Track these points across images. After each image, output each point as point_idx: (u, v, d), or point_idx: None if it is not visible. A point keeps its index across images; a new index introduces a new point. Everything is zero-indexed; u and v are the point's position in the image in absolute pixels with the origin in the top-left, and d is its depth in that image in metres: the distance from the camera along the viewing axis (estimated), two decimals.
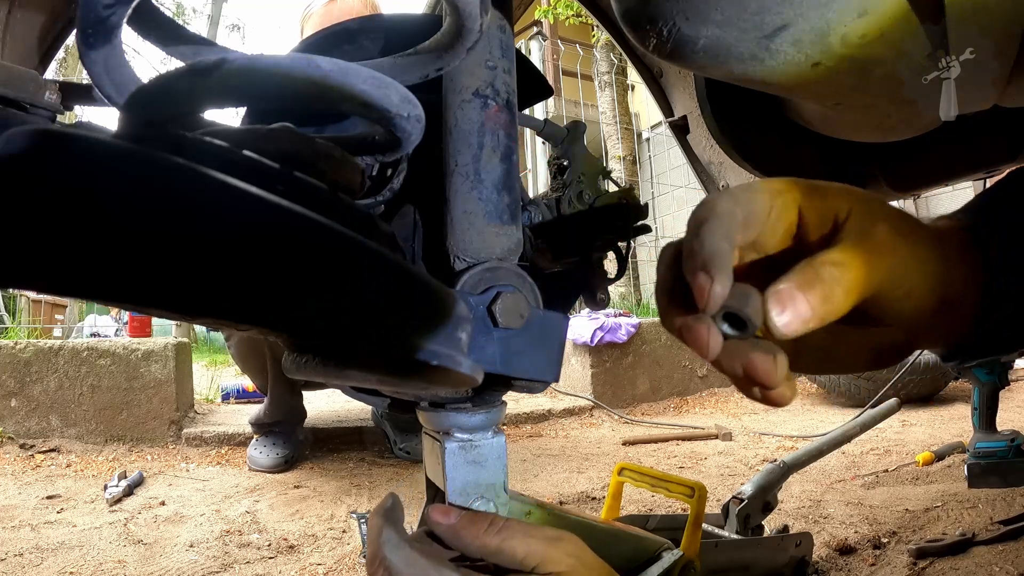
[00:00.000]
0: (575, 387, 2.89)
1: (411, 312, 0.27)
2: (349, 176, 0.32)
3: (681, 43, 0.52)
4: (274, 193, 0.22)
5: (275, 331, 0.27)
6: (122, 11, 0.30)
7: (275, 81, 0.25)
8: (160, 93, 0.25)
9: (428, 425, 0.52)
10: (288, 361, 0.35)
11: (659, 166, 7.28)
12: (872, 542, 1.20)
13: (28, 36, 0.64)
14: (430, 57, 0.38)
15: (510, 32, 0.45)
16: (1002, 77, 0.50)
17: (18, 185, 0.20)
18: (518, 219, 0.45)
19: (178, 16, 11.40)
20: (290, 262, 0.22)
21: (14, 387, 2.17)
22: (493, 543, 0.42)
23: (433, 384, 0.33)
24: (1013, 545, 1.10)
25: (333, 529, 1.44)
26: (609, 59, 6.24)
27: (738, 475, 1.77)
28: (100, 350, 2.22)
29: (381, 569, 0.40)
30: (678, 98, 1.00)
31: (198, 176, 0.21)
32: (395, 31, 0.52)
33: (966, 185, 4.28)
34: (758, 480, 1.12)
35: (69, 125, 0.48)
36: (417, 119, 0.30)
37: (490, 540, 0.42)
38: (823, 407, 2.82)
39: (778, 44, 0.49)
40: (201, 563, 1.25)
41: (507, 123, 0.44)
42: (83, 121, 0.46)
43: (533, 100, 0.61)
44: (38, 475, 1.92)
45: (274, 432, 2.00)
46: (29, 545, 1.35)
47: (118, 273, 0.20)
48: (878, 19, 0.47)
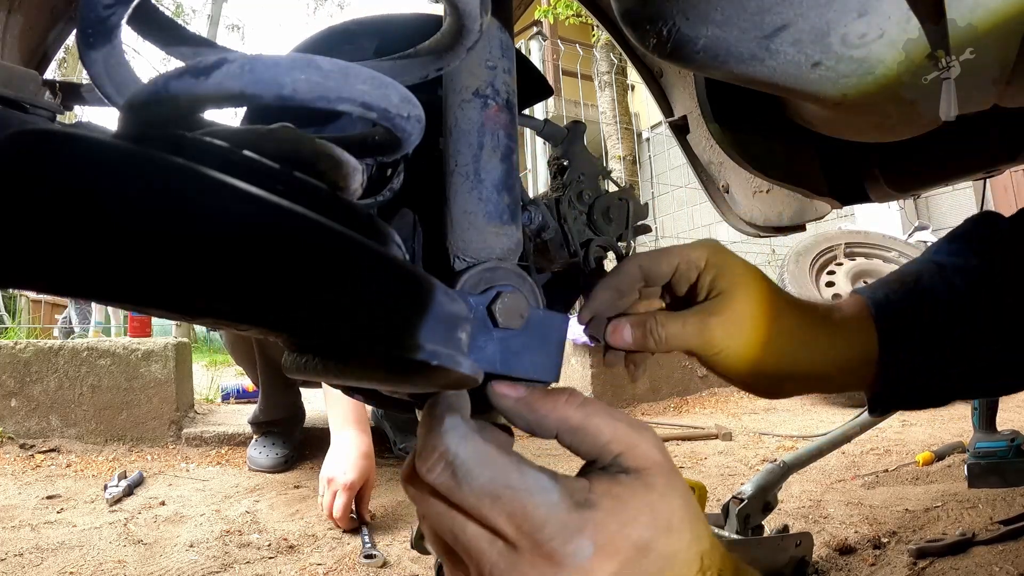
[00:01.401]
0: (575, 387, 2.89)
1: (411, 312, 0.27)
2: (349, 176, 0.32)
3: (681, 43, 0.52)
4: (274, 193, 0.22)
5: (275, 331, 0.27)
6: (122, 11, 0.30)
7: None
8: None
9: None
10: (288, 361, 0.35)
11: (659, 166, 7.28)
12: (872, 542, 1.20)
13: (28, 36, 0.64)
14: (430, 57, 0.38)
15: (510, 32, 0.45)
16: (1002, 77, 0.50)
17: (18, 185, 0.20)
18: (518, 219, 0.45)
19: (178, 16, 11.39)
20: (290, 262, 0.22)
21: (14, 387, 2.17)
22: (576, 417, 0.35)
23: (433, 384, 0.33)
24: (1013, 545, 1.10)
25: (333, 529, 1.44)
26: (609, 59, 6.24)
27: (738, 475, 1.77)
28: (100, 350, 2.22)
29: (442, 464, 0.32)
30: (678, 98, 1.00)
31: (198, 176, 0.21)
32: (395, 31, 0.52)
33: (966, 185, 4.28)
34: (758, 480, 1.12)
35: (69, 125, 0.48)
36: (417, 119, 0.30)
37: (573, 413, 0.35)
38: (823, 407, 2.82)
39: (778, 44, 0.49)
40: (201, 563, 1.25)
41: (507, 123, 0.44)
42: (83, 121, 0.46)
43: (533, 100, 0.61)
44: (38, 475, 1.92)
45: (273, 432, 2.00)
46: (29, 545, 1.35)
47: (118, 273, 0.20)
48: (878, 19, 0.47)
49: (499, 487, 0.31)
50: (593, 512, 0.32)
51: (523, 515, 0.31)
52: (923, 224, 4.11)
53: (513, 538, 0.31)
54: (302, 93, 0.25)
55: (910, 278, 0.57)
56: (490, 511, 0.31)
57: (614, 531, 0.31)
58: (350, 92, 0.26)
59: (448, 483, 0.32)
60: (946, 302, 0.54)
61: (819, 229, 3.28)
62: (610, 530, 0.31)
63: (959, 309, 0.54)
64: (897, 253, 3.20)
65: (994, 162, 0.79)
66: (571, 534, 0.31)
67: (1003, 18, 0.45)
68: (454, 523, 0.33)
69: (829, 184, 0.89)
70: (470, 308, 0.39)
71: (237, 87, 0.24)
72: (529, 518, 0.31)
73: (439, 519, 0.33)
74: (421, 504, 0.34)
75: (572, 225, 0.56)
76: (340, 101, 0.26)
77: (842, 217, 5.04)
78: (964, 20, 0.45)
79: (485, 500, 0.31)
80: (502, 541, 0.31)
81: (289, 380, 1.99)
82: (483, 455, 0.32)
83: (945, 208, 4.70)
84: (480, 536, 0.32)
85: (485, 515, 0.31)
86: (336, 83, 0.26)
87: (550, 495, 0.31)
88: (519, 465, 0.32)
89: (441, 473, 0.32)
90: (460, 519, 0.32)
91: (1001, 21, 0.45)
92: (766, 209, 1.01)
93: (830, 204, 0.92)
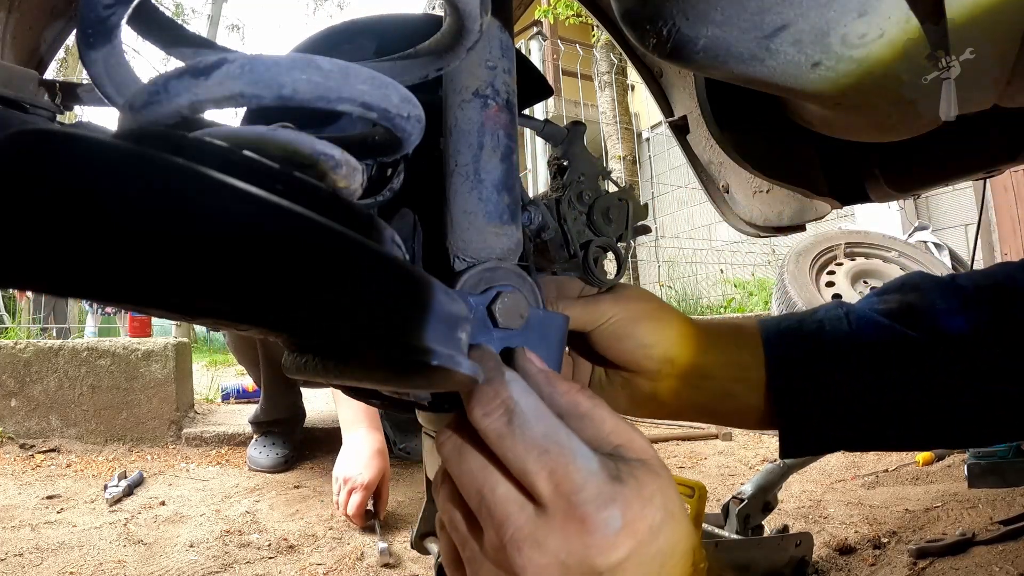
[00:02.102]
0: None
1: (411, 312, 0.27)
2: (349, 176, 0.32)
3: (681, 43, 0.52)
4: (274, 193, 0.22)
5: (275, 331, 0.27)
6: (122, 11, 0.30)
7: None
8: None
9: (428, 425, 0.52)
10: (288, 361, 0.35)
11: (659, 166, 7.29)
12: (872, 542, 1.20)
13: (28, 36, 0.64)
14: (430, 57, 0.38)
15: (510, 32, 0.45)
16: (1002, 77, 0.50)
17: (18, 185, 0.20)
18: (518, 219, 0.45)
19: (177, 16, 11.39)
20: (290, 262, 0.22)
21: (14, 387, 2.17)
22: (585, 404, 0.36)
23: (433, 384, 0.33)
24: (1013, 545, 1.10)
25: (333, 529, 1.44)
26: (609, 59, 6.24)
27: (738, 475, 1.77)
28: (100, 350, 2.22)
29: (501, 410, 0.33)
30: (678, 98, 1.00)
31: (198, 176, 0.21)
32: (395, 31, 0.52)
33: (966, 185, 4.28)
34: (758, 480, 1.12)
35: (69, 125, 0.48)
36: (417, 119, 0.30)
37: (583, 400, 0.36)
38: None
39: (778, 44, 0.49)
40: (201, 563, 1.25)
41: (507, 123, 0.44)
42: (83, 121, 0.46)
43: (533, 100, 0.61)
44: (38, 475, 1.92)
45: (274, 432, 2.00)
46: (29, 545, 1.35)
47: (118, 273, 0.20)
48: (878, 19, 0.47)
49: (550, 442, 0.32)
50: (623, 487, 0.32)
51: (565, 474, 0.31)
52: (923, 224, 4.11)
53: (548, 499, 0.31)
54: (302, 93, 0.25)
55: (812, 321, 0.56)
56: (534, 464, 0.31)
57: (637, 510, 0.32)
58: (350, 92, 0.26)
59: (501, 429, 0.32)
60: (832, 342, 0.53)
61: (819, 229, 3.28)
62: (634, 508, 0.32)
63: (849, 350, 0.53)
64: (897, 253, 3.20)
65: (994, 162, 0.79)
66: (605, 502, 0.31)
67: (994, 7, 0.45)
68: (486, 481, 0.33)
69: (829, 184, 0.89)
70: (470, 308, 0.39)
71: (237, 87, 0.24)
72: (570, 478, 0.31)
73: (471, 475, 0.33)
74: (455, 458, 0.35)
75: (572, 225, 0.56)
76: (340, 101, 0.26)
77: (842, 217, 5.04)
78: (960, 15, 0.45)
79: (533, 452, 0.32)
80: (533, 505, 0.32)
81: (290, 380, 1.99)
82: (541, 410, 0.33)
83: (945, 208, 4.70)
84: (510, 498, 0.32)
85: (527, 469, 0.32)
86: (336, 83, 0.26)
87: (591, 462, 0.32)
88: (568, 429, 0.33)
89: (498, 419, 0.33)
90: (494, 477, 0.33)
91: (993, 8, 0.44)
92: (766, 209, 1.01)
93: (830, 204, 0.92)
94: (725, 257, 5.73)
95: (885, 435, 0.54)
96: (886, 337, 0.52)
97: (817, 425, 0.53)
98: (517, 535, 0.32)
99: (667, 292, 5.48)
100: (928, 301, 0.54)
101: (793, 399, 0.53)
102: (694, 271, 5.77)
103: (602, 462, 0.33)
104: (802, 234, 1.09)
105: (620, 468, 0.33)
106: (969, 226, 4.52)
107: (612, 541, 0.31)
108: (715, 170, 1.03)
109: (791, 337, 0.55)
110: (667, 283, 5.76)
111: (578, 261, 0.56)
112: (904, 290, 0.56)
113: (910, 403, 0.52)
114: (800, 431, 0.54)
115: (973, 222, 3.89)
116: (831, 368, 0.53)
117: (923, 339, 0.52)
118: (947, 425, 0.53)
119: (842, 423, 0.53)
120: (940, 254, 3.56)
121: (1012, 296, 0.52)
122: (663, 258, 6.27)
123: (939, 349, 0.51)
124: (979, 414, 0.52)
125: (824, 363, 0.53)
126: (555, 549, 0.31)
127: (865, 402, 0.52)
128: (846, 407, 0.53)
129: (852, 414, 0.53)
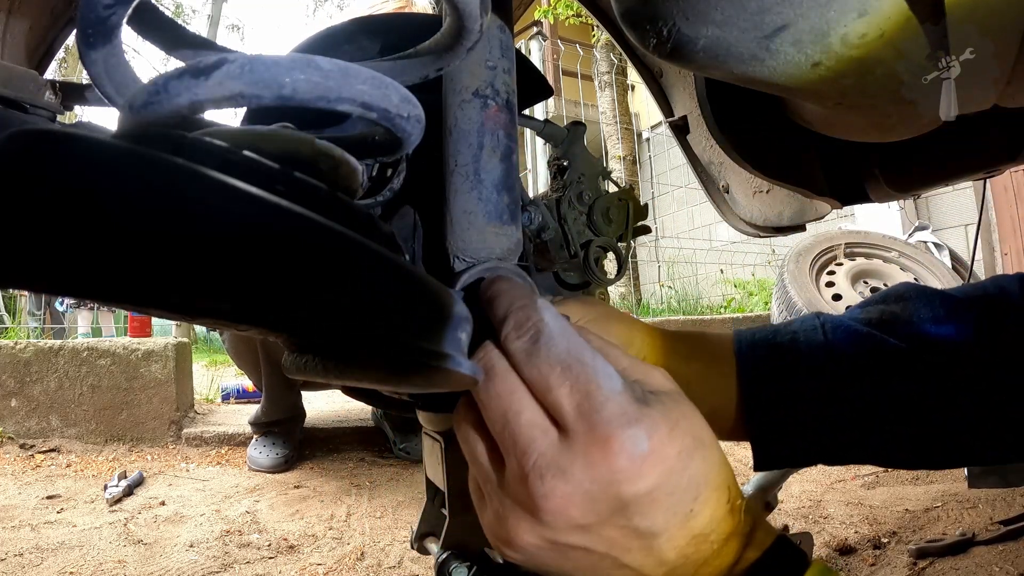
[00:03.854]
0: None
1: (411, 312, 0.27)
2: (349, 176, 0.32)
3: (681, 43, 0.52)
4: (274, 193, 0.22)
5: (275, 331, 0.27)
6: (122, 11, 0.30)
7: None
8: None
9: (428, 425, 0.52)
10: (288, 361, 0.35)
11: (659, 166, 7.29)
12: (872, 542, 1.20)
13: (28, 36, 0.64)
14: (430, 57, 0.38)
15: (510, 32, 0.45)
16: (1002, 77, 0.50)
17: (18, 185, 0.20)
18: (518, 219, 0.45)
19: (178, 16, 11.40)
20: (290, 262, 0.22)
21: (14, 387, 2.17)
22: (597, 342, 0.36)
23: (433, 384, 0.33)
24: (1013, 545, 1.10)
25: (333, 529, 1.44)
26: (609, 59, 6.23)
27: (738, 475, 1.76)
28: (100, 350, 2.22)
29: (532, 331, 0.33)
30: (678, 98, 1.00)
31: (198, 176, 0.21)
32: (395, 31, 0.52)
33: (966, 185, 4.28)
34: (758, 480, 1.12)
35: (69, 125, 0.48)
36: (417, 119, 0.30)
37: (594, 339, 0.36)
38: None
39: (778, 44, 0.49)
40: (201, 563, 1.25)
41: (507, 123, 0.44)
42: (83, 121, 0.46)
43: (533, 100, 0.61)
44: (38, 475, 1.92)
45: (274, 432, 2.00)
46: (29, 545, 1.35)
47: (118, 273, 0.20)
48: (878, 19, 0.47)
49: (573, 358, 0.32)
50: (649, 409, 0.31)
51: (587, 391, 0.31)
52: (923, 224, 4.11)
53: (571, 419, 0.31)
54: (302, 93, 0.25)
55: (786, 332, 0.55)
56: (558, 380, 0.31)
57: (664, 433, 0.31)
58: (350, 92, 0.26)
59: (529, 347, 0.32)
60: (808, 354, 0.52)
61: (819, 229, 3.28)
62: (662, 431, 0.31)
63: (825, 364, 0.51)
64: (897, 253, 3.20)
65: (994, 162, 0.79)
66: (629, 421, 0.30)
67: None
68: (512, 405, 0.32)
69: (829, 184, 0.89)
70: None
71: (237, 87, 0.24)
72: (592, 396, 0.31)
73: (496, 400, 0.33)
74: (483, 383, 0.34)
75: (572, 225, 0.56)
76: (340, 101, 0.26)
77: (842, 217, 5.04)
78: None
79: (557, 368, 0.31)
80: (557, 431, 0.31)
81: (290, 381, 2.00)
82: (568, 330, 0.33)
83: (945, 208, 4.70)
84: (534, 424, 0.32)
85: (550, 384, 0.31)
86: (336, 83, 0.26)
87: (615, 382, 0.32)
88: (594, 350, 0.33)
89: (528, 339, 0.33)
90: (520, 402, 0.32)
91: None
92: (766, 209, 1.01)
93: (830, 204, 0.92)
94: (725, 257, 5.73)
95: (865, 447, 0.52)
96: (865, 346, 0.51)
97: (789, 438, 0.52)
98: (540, 461, 0.31)
99: (667, 292, 5.48)
100: (912, 310, 0.53)
101: (764, 411, 0.52)
102: (694, 271, 5.77)
103: (626, 384, 0.32)
104: (802, 234, 1.09)
105: (645, 393, 0.32)
106: (969, 226, 4.52)
107: (639, 467, 0.30)
108: (715, 170, 1.03)
109: (763, 348, 0.53)
110: (667, 283, 5.76)
111: (578, 261, 0.56)
112: (888, 300, 0.55)
113: (892, 414, 0.50)
114: (771, 444, 0.53)
115: (973, 222, 3.89)
116: (804, 379, 0.51)
117: (906, 347, 0.50)
118: (933, 439, 0.51)
119: (817, 435, 0.51)
120: (940, 254, 3.55)
121: (1003, 306, 0.51)
122: (663, 258, 6.27)
123: (924, 357, 0.50)
124: (968, 427, 0.49)
125: (796, 374, 0.51)
126: (579, 476, 0.30)
127: (842, 413, 0.50)
128: (820, 419, 0.51)
129: (828, 426, 0.51)
